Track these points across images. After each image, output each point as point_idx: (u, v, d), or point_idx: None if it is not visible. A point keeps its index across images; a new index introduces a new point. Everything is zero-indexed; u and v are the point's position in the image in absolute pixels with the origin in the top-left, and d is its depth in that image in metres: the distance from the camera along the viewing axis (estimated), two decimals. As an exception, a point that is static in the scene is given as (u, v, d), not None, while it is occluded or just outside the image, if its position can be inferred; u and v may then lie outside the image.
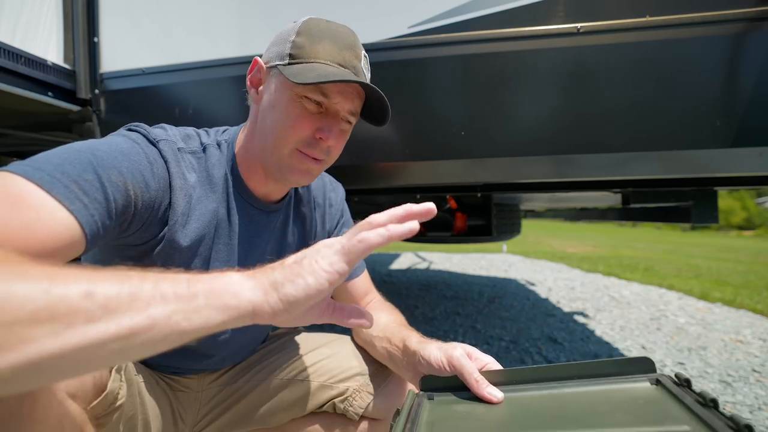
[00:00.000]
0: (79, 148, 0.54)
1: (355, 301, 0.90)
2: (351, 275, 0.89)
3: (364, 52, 0.71)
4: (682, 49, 0.97)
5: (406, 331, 0.77)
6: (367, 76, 0.72)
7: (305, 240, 0.87)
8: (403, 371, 0.75)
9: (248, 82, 0.74)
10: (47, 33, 1.35)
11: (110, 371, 0.59)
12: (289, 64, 0.66)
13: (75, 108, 1.40)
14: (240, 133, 0.76)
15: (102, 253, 0.70)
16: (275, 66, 0.68)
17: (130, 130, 0.66)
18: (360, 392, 0.83)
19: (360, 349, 0.89)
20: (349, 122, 0.72)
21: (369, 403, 0.82)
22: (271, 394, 0.86)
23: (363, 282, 0.90)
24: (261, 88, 0.72)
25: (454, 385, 0.59)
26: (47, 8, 1.35)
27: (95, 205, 0.51)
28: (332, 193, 0.92)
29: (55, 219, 0.47)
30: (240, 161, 0.74)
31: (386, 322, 0.84)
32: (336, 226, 0.91)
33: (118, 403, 0.61)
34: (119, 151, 0.58)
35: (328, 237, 0.90)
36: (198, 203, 0.69)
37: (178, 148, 0.67)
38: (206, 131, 0.76)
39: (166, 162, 0.64)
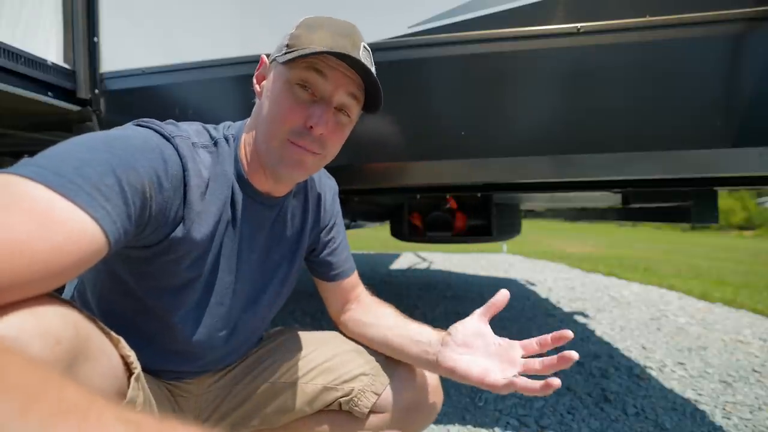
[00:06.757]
0: (95, 146, 0.52)
1: (345, 295, 0.94)
2: (343, 274, 0.93)
3: (365, 43, 0.68)
4: (682, 49, 0.97)
5: (412, 324, 0.86)
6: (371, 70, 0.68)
7: (300, 235, 0.87)
8: (423, 365, 0.83)
9: (254, 80, 0.74)
10: (47, 33, 1.35)
11: (128, 380, 0.57)
12: (285, 54, 0.66)
13: (75, 108, 1.40)
14: (244, 129, 0.76)
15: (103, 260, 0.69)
16: (274, 59, 0.69)
17: (140, 125, 0.63)
18: (365, 392, 0.84)
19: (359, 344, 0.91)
20: (347, 114, 0.70)
21: (375, 402, 0.84)
22: (275, 397, 0.86)
23: (353, 278, 0.94)
24: (263, 83, 0.72)
25: None
26: (47, 8, 1.35)
27: (117, 211, 0.49)
28: (327, 189, 0.92)
29: (85, 232, 0.45)
30: (243, 157, 0.73)
31: (389, 315, 0.91)
32: (328, 226, 0.91)
33: (137, 410, 0.60)
34: (135, 148, 0.56)
35: (318, 236, 0.90)
36: (211, 198, 0.68)
37: (192, 143, 0.66)
38: (214, 126, 0.75)
39: (181, 159, 0.63)
